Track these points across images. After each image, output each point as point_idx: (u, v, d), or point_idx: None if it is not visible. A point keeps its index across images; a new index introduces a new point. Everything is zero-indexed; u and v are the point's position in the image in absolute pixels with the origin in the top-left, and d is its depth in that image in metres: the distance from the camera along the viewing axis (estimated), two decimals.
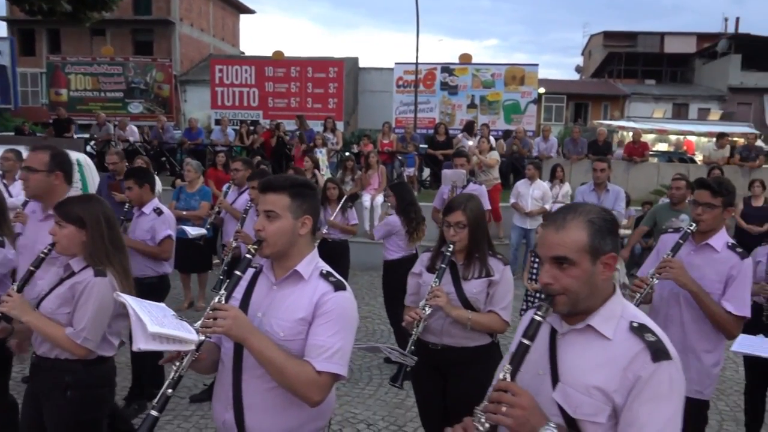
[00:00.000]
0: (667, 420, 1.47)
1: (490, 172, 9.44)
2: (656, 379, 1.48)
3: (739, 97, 28.71)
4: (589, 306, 1.60)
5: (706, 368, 2.99)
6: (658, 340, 1.54)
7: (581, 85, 32.87)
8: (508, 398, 1.49)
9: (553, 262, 1.59)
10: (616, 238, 1.63)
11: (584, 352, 1.59)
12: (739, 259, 2.92)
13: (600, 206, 1.69)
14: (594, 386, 1.53)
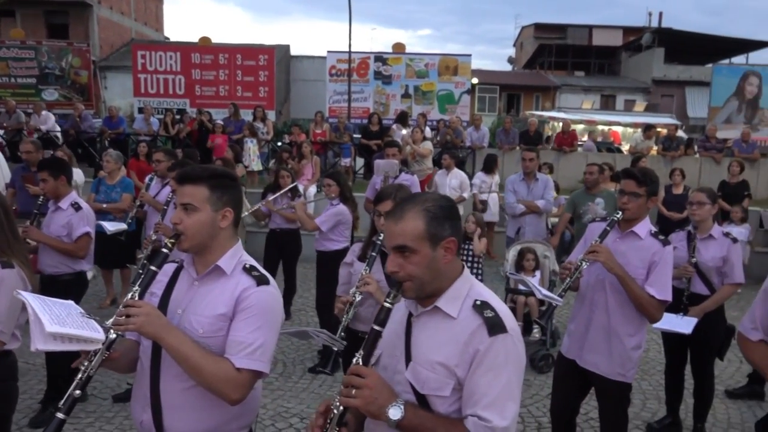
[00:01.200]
0: (502, 387, 1.60)
1: (423, 162, 9.56)
2: (493, 351, 1.61)
3: (662, 89, 30.24)
4: (436, 289, 1.72)
5: (627, 351, 3.16)
6: (495, 316, 1.66)
7: (514, 76, 33.74)
8: (356, 380, 1.61)
9: (396, 252, 1.69)
10: (456, 222, 1.74)
11: (433, 331, 1.71)
12: (661, 246, 3.10)
13: (439, 194, 1.81)
14: (438, 362, 1.65)
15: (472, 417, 1.59)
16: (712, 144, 12.57)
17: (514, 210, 6.37)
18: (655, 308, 3.08)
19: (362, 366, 1.66)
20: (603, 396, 3.31)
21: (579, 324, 3.32)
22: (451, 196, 8.42)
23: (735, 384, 5.26)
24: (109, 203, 6.47)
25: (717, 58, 28.68)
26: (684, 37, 30.55)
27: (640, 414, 4.70)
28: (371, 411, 1.61)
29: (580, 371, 3.28)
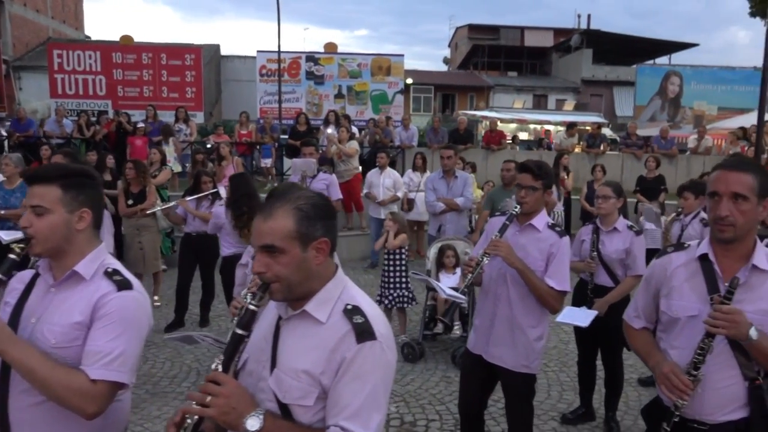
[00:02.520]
0: (367, 396, 1.54)
1: (349, 162, 9.52)
2: (360, 359, 1.56)
3: (591, 89, 31.35)
4: (306, 291, 1.66)
5: (531, 343, 3.21)
6: (364, 321, 1.61)
7: (448, 77, 34.21)
8: (212, 388, 1.52)
9: (263, 251, 1.62)
10: (330, 222, 1.70)
11: (300, 337, 1.65)
12: (558, 238, 3.17)
13: (313, 192, 1.75)
14: (302, 370, 1.59)
15: (335, 427, 1.53)
16: (633, 141, 13.10)
17: (434, 208, 6.42)
18: (555, 299, 3.15)
19: (220, 373, 1.58)
20: (509, 389, 3.35)
21: (484, 318, 3.35)
22: (385, 196, 8.47)
23: (648, 372, 5.45)
24: (8, 209, 6.13)
25: (642, 59, 29.98)
26: (611, 38, 31.79)
27: (556, 405, 4.80)
28: (227, 421, 1.53)
29: (486, 366, 3.31)
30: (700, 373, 2.13)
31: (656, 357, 2.32)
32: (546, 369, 5.51)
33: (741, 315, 2.05)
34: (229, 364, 1.61)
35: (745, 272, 2.15)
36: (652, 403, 2.42)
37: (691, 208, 5.20)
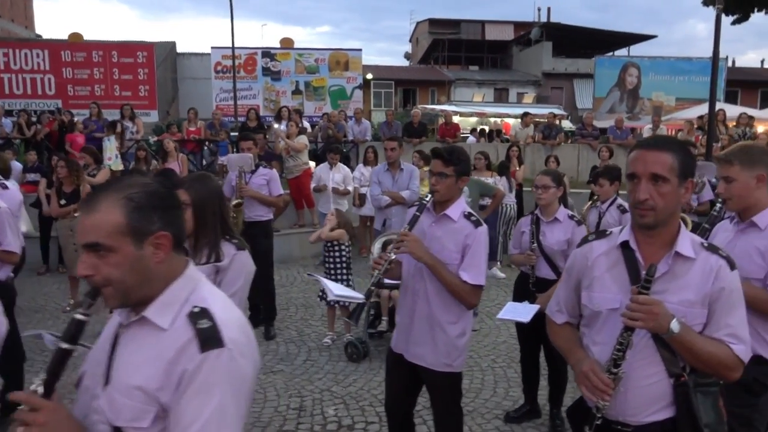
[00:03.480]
0: (212, 413, 1.33)
1: (298, 157, 9.24)
2: (204, 370, 1.34)
3: (552, 82, 31.56)
4: (146, 295, 1.43)
5: (451, 340, 3.00)
6: (211, 327, 1.39)
7: (409, 71, 34.05)
8: (26, 416, 1.29)
9: (89, 250, 1.39)
10: (172, 213, 1.47)
11: (137, 347, 1.42)
12: (473, 228, 2.95)
13: (149, 179, 1.50)
14: (136, 386, 1.36)
15: None
16: (588, 132, 13.09)
17: (379, 202, 6.19)
18: (469, 294, 2.93)
19: (32, 396, 1.33)
20: (433, 389, 3.15)
21: (404, 316, 3.14)
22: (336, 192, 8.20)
23: None
24: None
25: (602, 51, 30.23)
26: (570, 31, 32.04)
27: (501, 403, 4.63)
28: None
29: (408, 365, 3.10)
30: (621, 370, 1.95)
31: (577, 354, 2.14)
32: (494, 365, 5.35)
33: (660, 306, 1.86)
34: (53, 383, 1.36)
35: (668, 260, 1.98)
36: (577, 404, 2.24)
37: (607, 194, 5.06)
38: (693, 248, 1.98)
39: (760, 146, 2.81)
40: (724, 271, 1.95)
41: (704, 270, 1.95)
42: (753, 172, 2.63)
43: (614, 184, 4.97)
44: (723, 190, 2.71)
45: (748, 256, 2.64)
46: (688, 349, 1.91)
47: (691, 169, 1.99)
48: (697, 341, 1.90)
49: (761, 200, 2.66)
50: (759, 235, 2.63)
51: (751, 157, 2.66)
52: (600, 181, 5.05)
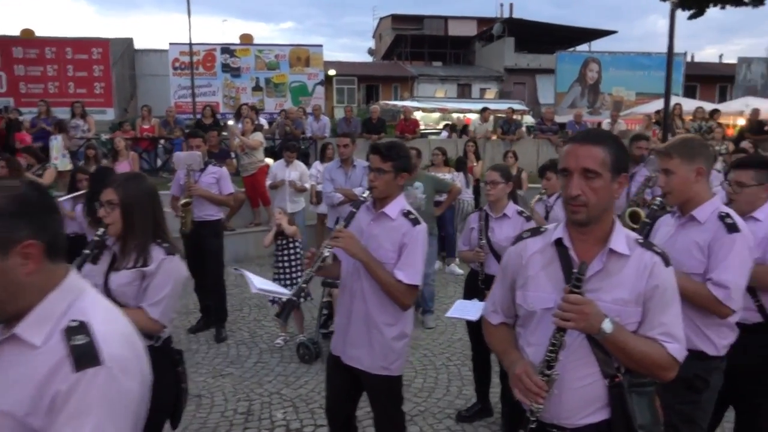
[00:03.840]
0: None
1: (254, 155, 9.04)
2: (78, 392, 1.22)
3: (515, 77, 31.73)
4: (18, 309, 1.30)
5: (388, 342, 2.91)
6: (87, 343, 1.26)
7: (372, 67, 33.90)
8: None
9: None
10: (41, 219, 1.33)
11: (8, 368, 1.29)
12: (411, 226, 2.85)
13: (20, 182, 1.37)
14: (3, 412, 1.24)
15: None
16: (548, 126, 13.16)
17: (331, 199, 6.06)
18: (403, 294, 2.83)
19: None
20: (371, 393, 3.04)
21: (341, 316, 3.04)
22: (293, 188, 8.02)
23: None
24: None
25: (563, 47, 30.53)
26: (532, 27, 32.25)
27: (454, 402, 4.57)
28: None
29: (347, 368, 2.99)
30: (554, 372, 1.87)
31: (511, 356, 2.06)
32: (448, 363, 5.28)
33: (590, 306, 1.79)
34: None
35: (602, 257, 1.91)
36: (513, 407, 2.16)
37: (554, 188, 5.00)
38: (627, 245, 1.92)
39: (700, 140, 2.77)
40: (658, 269, 1.89)
41: (638, 267, 1.89)
42: (692, 165, 2.59)
43: None
44: (663, 183, 2.67)
45: (687, 251, 2.60)
46: (620, 350, 1.84)
47: (624, 163, 1.92)
48: (629, 341, 1.84)
49: (700, 194, 2.62)
50: (698, 230, 2.59)
51: (690, 150, 2.62)
52: (547, 174, 4.99)
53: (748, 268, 2.53)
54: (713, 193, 2.68)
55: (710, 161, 2.65)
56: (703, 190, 2.62)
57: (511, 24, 32.84)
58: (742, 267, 2.50)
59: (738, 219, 2.55)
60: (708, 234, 2.54)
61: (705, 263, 2.54)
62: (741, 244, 2.49)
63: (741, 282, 2.49)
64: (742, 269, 2.50)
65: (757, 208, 3.01)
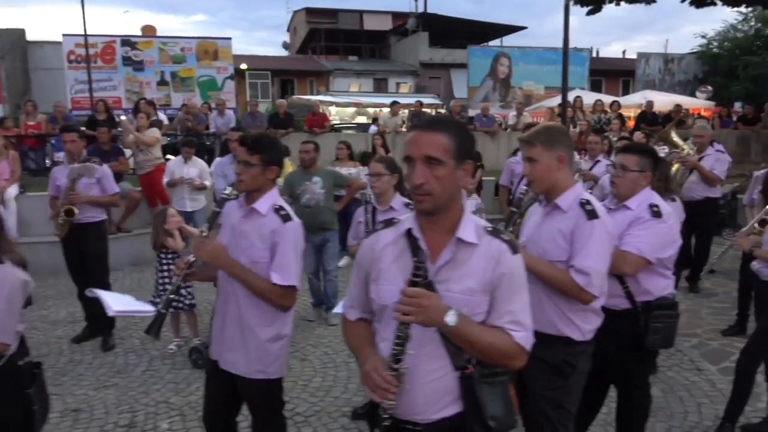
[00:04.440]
0: None
1: (150, 152, 8.65)
2: None
3: (430, 72, 32.16)
4: None
5: (263, 344, 2.81)
6: None
7: (286, 61, 33.44)
8: None
9: None
10: None
11: None
12: (281, 223, 2.74)
13: None
14: None
15: None
16: None
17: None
18: (279, 296, 2.73)
19: None
20: (249, 399, 2.94)
21: (217, 319, 2.91)
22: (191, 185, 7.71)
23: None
24: None
25: (477, 42, 31.17)
26: (446, 21, 32.77)
27: (352, 400, 4.51)
28: None
29: (225, 374, 2.87)
30: (402, 366, 1.83)
31: (365, 353, 2.01)
32: (348, 360, 5.22)
33: (430, 299, 1.76)
34: None
35: (451, 247, 1.89)
36: (371, 406, 2.11)
37: None
38: (476, 233, 1.90)
39: (561, 127, 2.83)
40: (505, 256, 1.88)
41: (486, 256, 1.88)
42: (554, 152, 2.64)
43: None
44: (527, 171, 2.71)
45: (552, 239, 2.65)
46: (466, 342, 1.83)
47: (469, 150, 1.91)
48: (475, 333, 1.82)
49: (563, 181, 2.67)
50: (562, 217, 2.64)
51: (552, 137, 2.66)
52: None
53: (609, 253, 2.61)
54: (575, 180, 2.74)
55: (571, 149, 2.71)
56: (565, 177, 2.67)
57: (425, 19, 33.22)
58: (602, 253, 2.56)
59: (597, 205, 2.61)
60: (570, 221, 2.59)
61: (568, 251, 2.59)
62: (600, 230, 2.55)
63: (601, 268, 2.55)
64: (602, 255, 2.56)
65: (635, 194, 3.12)
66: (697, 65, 28.11)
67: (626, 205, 3.12)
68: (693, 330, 5.86)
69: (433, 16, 33.25)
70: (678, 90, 25.10)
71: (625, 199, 3.13)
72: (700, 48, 28.24)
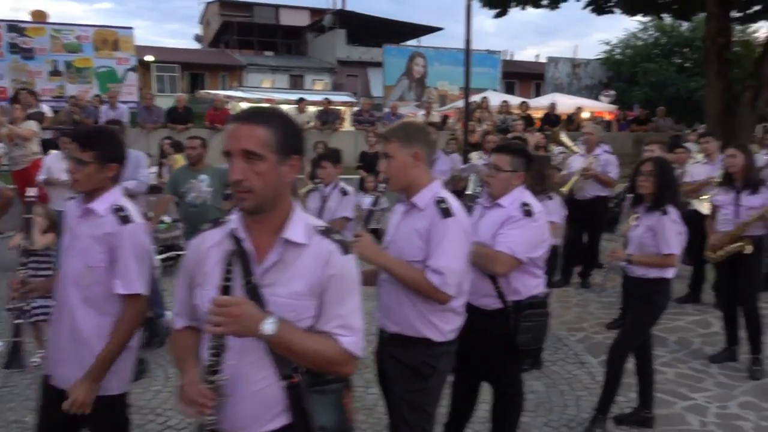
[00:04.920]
0: None
1: (25, 146, 8.04)
2: None
3: (347, 70, 32.12)
4: None
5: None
6: None
7: (197, 55, 32.46)
8: None
9: None
10: None
11: None
12: (119, 225, 2.48)
13: None
14: None
15: None
16: (365, 117, 13.39)
17: None
18: (127, 305, 2.49)
19: None
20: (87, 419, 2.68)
21: (52, 332, 2.65)
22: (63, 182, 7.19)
23: None
24: None
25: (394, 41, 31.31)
26: (363, 19, 32.83)
27: None
28: None
29: (59, 392, 2.61)
30: (220, 378, 1.70)
31: (184, 366, 1.86)
32: None
33: (242, 307, 1.63)
34: None
35: (278, 248, 1.77)
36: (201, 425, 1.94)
37: (330, 177, 4.90)
38: (306, 233, 1.79)
39: (419, 124, 2.79)
40: (335, 257, 1.78)
41: (315, 257, 1.77)
42: (410, 149, 2.58)
43: (338, 166, 4.84)
44: (383, 168, 2.64)
45: (409, 239, 2.59)
46: (289, 350, 1.72)
47: (294, 144, 1.79)
48: (296, 340, 1.71)
49: (419, 179, 2.62)
50: (419, 216, 2.59)
51: (408, 134, 2.60)
52: (323, 163, 4.86)
53: (464, 252, 2.57)
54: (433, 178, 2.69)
55: (429, 146, 2.65)
56: (422, 175, 2.62)
57: (342, 16, 33.14)
58: (456, 252, 2.52)
59: (453, 204, 2.57)
60: (426, 220, 2.55)
61: (425, 250, 2.54)
62: (455, 228, 2.51)
63: (455, 267, 2.51)
64: (456, 254, 2.52)
65: (508, 192, 3.13)
66: (602, 70, 29.50)
67: (499, 203, 3.13)
68: (580, 324, 6.04)
69: (351, 14, 33.23)
70: (584, 93, 26.22)
71: (498, 197, 3.15)
72: (605, 54, 29.65)
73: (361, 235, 2.62)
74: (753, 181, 4.86)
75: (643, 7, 15.64)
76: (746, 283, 4.93)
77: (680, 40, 27.93)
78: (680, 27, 27.53)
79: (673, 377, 4.83)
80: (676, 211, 3.75)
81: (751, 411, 4.27)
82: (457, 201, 2.63)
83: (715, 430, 4.04)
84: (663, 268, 3.80)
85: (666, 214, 3.71)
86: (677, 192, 3.93)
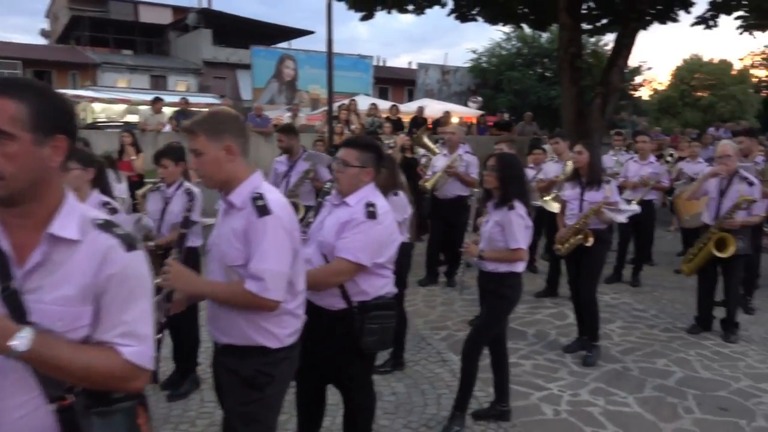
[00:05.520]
0: None
1: None
2: None
3: (214, 71, 31.07)
4: None
5: None
6: None
7: (43, 51, 29.92)
8: None
9: None
10: None
11: None
12: None
13: None
14: None
15: None
16: None
17: None
18: None
19: None
20: None
21: None
22: None
23: None
24: None
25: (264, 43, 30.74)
26: (230, 20, 31.95)
27: None
28: None
29: None
30: None
31: None
32: None
33: None
34: None
35: (43, 246, 1.47)
36: None
37: (172, 176, 4.51)
38: (80, 228, 1.50)
39: (228, 113, 2.52)
40: (115, 253, 1.50)
41: (91, 255, 1.49)
42: (221, 142, 2.31)
43: (179, 164, 4.44)
44: (194, 165, 2.38)
45: (228, 241, 2.34)
46: (52, 367, 1.42)
47: (57, 121, 1.50)
48: (61, 355, 1.42)
49: (236, 173, 2.37)
50: (237, 215, 2.34)
51: (216, 125, 2.34)
52: (163, 161, 4.42)
53: (286, 251, 2.34)
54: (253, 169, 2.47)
55: (242, 138, 2.40)
56: (238, 169, 2.37)
57: (207, 15, 32.05)
58: (278, 252, 2.30)
59: (272, 199, 2.34)
60: (243, 219, 2.31)
61: (244, 253, 2.31)
62: (274, 227, 2.29)
63: (278, 268, 2.29)
64: (278, 254, 2.30)
65: (357, 189, 2.96)
66: (470, 78, 30.82)
67: (346, 201, 2.97)
68: (444, 323, 6.06)
69: (217, 13, 32.22)
70: (454, 99, 27.19)
71: (347, 194, 2.98)
72: (472, 62, 30.99)
73: (170, 265, 2.37)
74: (596, 178, 5.13)
75: (502, 17, 16.44)
76: (586, 273, 5.19)
77: (540, 51, 29.83)
78: (540, 38, 29.40)
79: (530, 369, 4.93)
80: (524, 206, 3.80)
81: (601, 396, 4.44)
82: (278, 195, 2.43)
83: (568, 417, 4.14)
84: (512, 262, 3.84)
85: (512, 209, 3.75)
86: (524, 187, 3.99)
